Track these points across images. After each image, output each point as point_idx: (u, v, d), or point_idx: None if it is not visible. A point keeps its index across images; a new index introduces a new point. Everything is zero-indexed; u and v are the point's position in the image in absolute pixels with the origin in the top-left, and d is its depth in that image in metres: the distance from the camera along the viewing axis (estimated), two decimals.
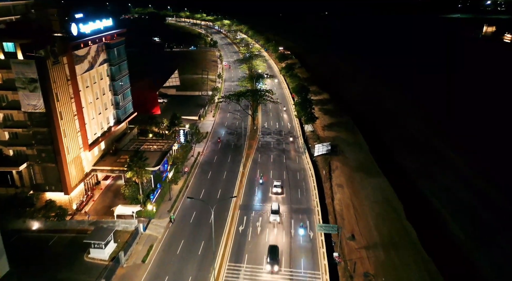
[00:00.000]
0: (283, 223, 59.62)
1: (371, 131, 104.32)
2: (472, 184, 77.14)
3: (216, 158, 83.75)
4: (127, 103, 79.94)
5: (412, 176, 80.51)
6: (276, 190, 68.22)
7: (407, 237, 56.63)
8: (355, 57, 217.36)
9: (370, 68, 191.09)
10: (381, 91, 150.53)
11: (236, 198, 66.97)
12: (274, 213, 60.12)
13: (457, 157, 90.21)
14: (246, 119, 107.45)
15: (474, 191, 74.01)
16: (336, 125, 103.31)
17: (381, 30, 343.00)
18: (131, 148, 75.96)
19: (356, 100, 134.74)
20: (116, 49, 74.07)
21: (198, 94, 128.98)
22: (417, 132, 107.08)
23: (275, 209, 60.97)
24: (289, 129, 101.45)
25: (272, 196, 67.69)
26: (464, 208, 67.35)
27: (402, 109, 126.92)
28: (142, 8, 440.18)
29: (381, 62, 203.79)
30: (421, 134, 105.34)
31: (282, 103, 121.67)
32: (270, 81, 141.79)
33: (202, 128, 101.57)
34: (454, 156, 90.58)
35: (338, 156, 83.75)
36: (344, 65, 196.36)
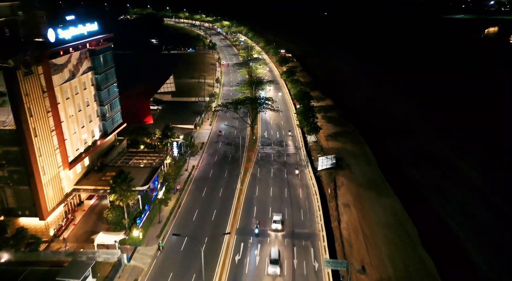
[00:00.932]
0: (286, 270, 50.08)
1: (377, 140, 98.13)
2: (490, 201, 70.87)
3: (212, 173, 77.50)
4: (115, 113, 73.69)
5: (425, 192, 74.27)
6: (276, 226, 57.88)
7: (424, 269, 50.31)
8: (356, 58, 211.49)
9: (372, 71, 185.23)
10: (385, 95, 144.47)
11: (233, 220, 60.79)
12: (273, 263, 48.97)
13: (470, 169, 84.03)
14: (245, 128, 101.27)
15: (493, 210, 67.75)
16: (340, 134, 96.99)
17: (384, 31, 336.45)
18: (119, 163, 69.89)
19: (360, 106, 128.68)
20: (102, 55, 67.95)
21: (195, 100, 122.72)
22: (426, 141, 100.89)
23: (275, 258, 49.58)
24: (291, 139, 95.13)
25: (271, 233, 57.54)
26: (485, 232, 61.06)
27: (410, 116, 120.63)
28: (141, 9, 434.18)
29: (384, 64, 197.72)
30: (430, 144, 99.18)
31: (283, 110, 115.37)
32: (271, 87, 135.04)
33: (198, 138, 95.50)
34: (467, 169, 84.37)
35: (344, 170, 77.44)
36: (346, 68, 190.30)
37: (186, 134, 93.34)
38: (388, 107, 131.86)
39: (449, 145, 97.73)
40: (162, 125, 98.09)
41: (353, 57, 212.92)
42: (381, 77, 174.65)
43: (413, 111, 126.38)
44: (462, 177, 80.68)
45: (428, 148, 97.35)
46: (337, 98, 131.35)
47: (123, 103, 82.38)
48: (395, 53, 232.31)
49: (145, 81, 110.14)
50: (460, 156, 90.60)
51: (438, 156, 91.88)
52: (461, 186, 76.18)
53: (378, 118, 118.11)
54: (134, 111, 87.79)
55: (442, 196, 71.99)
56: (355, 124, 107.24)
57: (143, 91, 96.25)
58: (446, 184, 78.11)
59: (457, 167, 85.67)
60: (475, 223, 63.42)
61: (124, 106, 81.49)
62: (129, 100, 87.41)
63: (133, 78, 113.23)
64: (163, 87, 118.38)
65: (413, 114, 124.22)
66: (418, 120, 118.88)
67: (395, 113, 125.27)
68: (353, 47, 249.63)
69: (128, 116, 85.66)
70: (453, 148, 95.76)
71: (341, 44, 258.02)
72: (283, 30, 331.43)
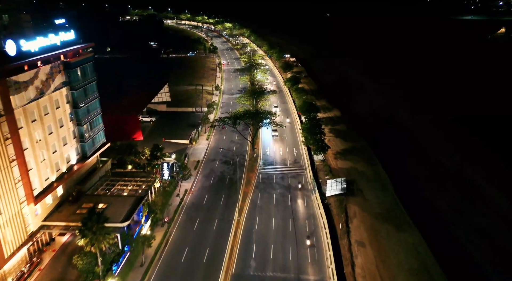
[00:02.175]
0: None
1: (390, 154, 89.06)
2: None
3: (207, 199, 68.57)
4: (97, 132, 65.01)
5: (446, 217, 65.71)
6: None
7: None
8: (361, 61, 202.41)
9: (378, 74, 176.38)
10: (393, 101, 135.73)
11: (228, 263, 51.87)
12: None
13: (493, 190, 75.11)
14: (245, 143, 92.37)
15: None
16: (350, 152, 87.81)
17: (389, 32, 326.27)
18: (99, 191, 61.38)
19: (368, 116, 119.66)
20: (80, 68, 59.31)
21: (192, 111, 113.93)
22: (443, 156, 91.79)
23: None
24: (295, 157, 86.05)
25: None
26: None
27: (421, 125, 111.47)
28: (142, 10, 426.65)
29: (388, 66, 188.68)
30: (447, 159, 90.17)
31: (287, 123, 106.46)
32: (274, 97, 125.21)
33: (193, 155, 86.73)
34: (486, 186, 75.87)
35: (356, 197, 68.31)
36: (351, 72, 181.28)
37: (180, 152, 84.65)
38: (397, 114, 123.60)
39: (465, 158, 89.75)
40: (154, 140, 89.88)
41: (357, 60, 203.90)
42: (387, 81, 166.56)
43: (423, 119, 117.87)
44: (481, 196, 72.82)
45: (443, 161, 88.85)
46: (344, 107, 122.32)
47: (109, 118, 73.94)
48: (400, 55, 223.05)
49: (137, 91, 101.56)
50: (476, 170, 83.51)
51: (454, 172, 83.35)
52: (483, 207, 68.26)
53: (388, 128, 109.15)
54: (121, 126, 79.22)
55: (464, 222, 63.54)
56: (365, 137, 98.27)
57: (133, 104, 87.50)
58: (466, 207, 69.89)
59: (476, 184, 77.44)
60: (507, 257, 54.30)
61: (110, 121, 73.10)
62: (116, 115, 78.93)
63: (123, 89, 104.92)
64: (157, 97, 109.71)
65: (424, 121, 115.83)
66: (430, 128, 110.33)
67: (405, 121, 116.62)
68: (357, 49, 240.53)
69: (114, 133, 77.24)
70: (469, 161, 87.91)
71: (345, 47, 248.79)
72: (286, 32, 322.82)
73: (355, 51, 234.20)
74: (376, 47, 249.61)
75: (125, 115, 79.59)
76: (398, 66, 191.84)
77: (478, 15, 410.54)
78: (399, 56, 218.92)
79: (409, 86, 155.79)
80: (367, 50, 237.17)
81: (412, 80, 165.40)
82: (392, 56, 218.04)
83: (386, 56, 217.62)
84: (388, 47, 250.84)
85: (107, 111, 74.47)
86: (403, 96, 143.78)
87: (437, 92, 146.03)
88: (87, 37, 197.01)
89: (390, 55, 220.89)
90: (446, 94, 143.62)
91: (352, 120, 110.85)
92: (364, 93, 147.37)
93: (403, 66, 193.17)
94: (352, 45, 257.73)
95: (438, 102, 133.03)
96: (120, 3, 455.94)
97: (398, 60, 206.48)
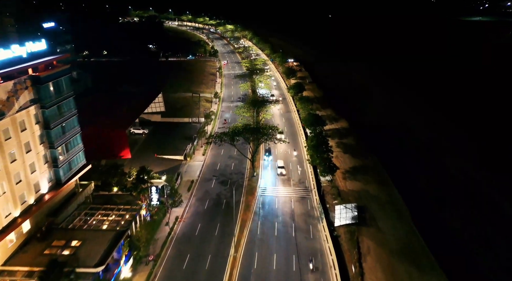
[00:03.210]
0: None
1: (403, 173, 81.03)
2: None
3: (200, 228, 60.63)
4: (75, 154, 57.28)
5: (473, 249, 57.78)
6: None
7: None
8: (365, 64, 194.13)
9: (383, 79, 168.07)
10: (401, 108, 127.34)
11: None
12: None
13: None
14: (244, 159, 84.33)
15: None
16: (360, 170, 79.66)
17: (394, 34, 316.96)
18: (75, 223, 53.62)
19: (377, 125, 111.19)
20: (54, 83, 51.63)
21: (189, 121, 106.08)
22: (460, 173, 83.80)
23: None
24: (300, 177, 77.93)
25: None
26: None
27: (436, 140, 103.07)
28: (143, 11, 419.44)
29: (398, 72, 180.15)
30: (466, 176, 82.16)
31: (290, 135, 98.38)
32: (276, 107, 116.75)
33: (188, 173, 78.88)
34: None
35: (369, 227, 60.24)
36: (357, 76, 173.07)
37: (173, 170, 76.74)
38: (407, 121, 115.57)
39: (484, 175, 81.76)
40: (145, 156, 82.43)
41: (362, 64, 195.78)
42: (393, 85, 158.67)
43: (435, 128, 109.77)
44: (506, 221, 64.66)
45: (461, 179, 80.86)
46: (351, 116, 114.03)
47: (93, 134, 66.50)
48: (407, 58, 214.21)
49: (128, 101, 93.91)
50: (497, 189, 75.07)
51: (475, 192, 75.31)
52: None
53: (399, 140, 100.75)
54: (107, 143, 71.40)
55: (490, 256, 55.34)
56: (375, 151, 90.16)
57: (121, 117, 79.69)
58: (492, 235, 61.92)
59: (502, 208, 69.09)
60: None
61: (93, 138, 65.76)
62: (101, 130, 71.19)
63: (114, 98, 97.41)
64: (151, 107, 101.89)
65: (436, 131, 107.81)
66: (443, 139, 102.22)
67: (416, 131, 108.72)
68: (362, 52, 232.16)
69: (99, 150, 69.67)
70: (489, 179, 79.73)
71: (349, 49, 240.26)
72: (289, 33, 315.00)
73: (359, 54, 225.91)
74: (381, 50, 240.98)
75: (111, 130, 71.70)
76: (406, 71, 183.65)
77: (486, 16, 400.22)
78: (406, 60, 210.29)
79: (418, 93, 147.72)
80: (372, 53, 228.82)
81: (422, 86, 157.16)
82: (399, 60, 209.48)
83: (392, 60, 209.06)
84: (394, 50, 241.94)
85: (90, 127, 67.16)
86: (413, 104, 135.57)
87: (449, 100, 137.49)
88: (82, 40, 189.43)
89: (396, 59, 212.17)
90: (460, 103, 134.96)
91: (360, 131, 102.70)
92: (371, 100, 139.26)
93: (411, 70, 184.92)
94: (357, 47, 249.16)
95: (451, 112, 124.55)
96: (121, 4, 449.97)
97: (405, 64, 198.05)
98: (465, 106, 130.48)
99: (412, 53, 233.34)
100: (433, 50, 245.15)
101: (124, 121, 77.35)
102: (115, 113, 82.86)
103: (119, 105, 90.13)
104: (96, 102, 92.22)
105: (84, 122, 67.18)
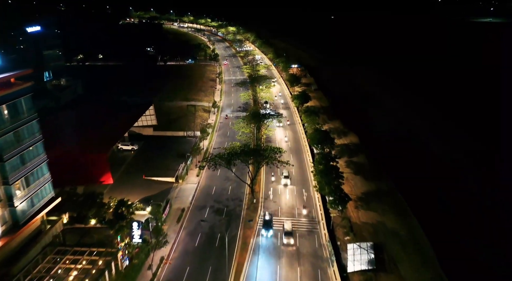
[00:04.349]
0: None
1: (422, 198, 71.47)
2: None
3: (188, 273, 51.28)
4: (39, 187, 48.29)
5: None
6: None
7: None
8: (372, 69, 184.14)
9: (397, 87, 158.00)
10: (419, 124, 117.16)
11: None
12: None
13: None
14: (244, 178, 74.89)
15: None
16: (374, 196, 70.16)
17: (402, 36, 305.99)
18: (35, 274, 44.46)
19: (391, 141, 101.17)
20: (10, 105, 42.63)
21: (184, 135, 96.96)
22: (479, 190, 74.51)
23: None
24: (305, 204, 68.45)
25: None
26: None
27: (449, 150, 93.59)
28: (144, 12, 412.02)
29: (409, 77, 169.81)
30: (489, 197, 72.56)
31: (296, 154, 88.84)
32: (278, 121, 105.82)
33: (179, 198, 69.80)
34: None
35: (389, 275, 50.75)
36: (364, 82, 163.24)
37: (161, 196, 67.48)
38: (420, 134, 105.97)
39: None
40: (132, 178, 73.44)
41: (368, 69, 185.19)
42: (403, 92, 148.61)
43: (454, 145, 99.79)
44: None
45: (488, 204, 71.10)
46: (361, 128, 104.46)
47: (68, 158, 57.66)
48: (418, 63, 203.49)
49: (115, 114, 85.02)
50: None
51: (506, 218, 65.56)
52: None
53: (416, 158, 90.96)
54: (84, 168, 62.36)
55: None
56: (389, 172, 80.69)
57: (104, 136, 70.59)
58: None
59: None
60: None
61: (68, 161, 56.89)
62: (77, 154, 62.19)
63: (100, 110, 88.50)
64: (141, 120, 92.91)
65: (450, 144, 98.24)
66: (461, 155, 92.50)
67: (430, 144, 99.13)
68: (368, 55, 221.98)
69: (75, 176, 60.77)
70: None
71: (354, 52, 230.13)
72: (292, 34, 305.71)
73: (365, 57, 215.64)
74: (386, 52, 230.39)
75: (90, 154, 62.62)
76: (415, 76, 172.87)
77: (497, 18, 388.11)
78: (414, 64, 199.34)
79: (432, 102, 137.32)
80: (377, 55, 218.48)
81: (436, 94, 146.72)
82: (406, 64, 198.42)
83: (399, 63, 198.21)
84: (400, 53, 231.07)
85: (67, 148, 58.54)
86: (425, 113, 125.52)
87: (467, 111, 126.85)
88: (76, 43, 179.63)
89: (403, 63, 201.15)
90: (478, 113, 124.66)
91: (371, 147, 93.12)
92: (381, 108, 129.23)
93: (421, 75, 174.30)
94: (362, 50, 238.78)
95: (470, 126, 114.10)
96: (122, 5, 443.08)
97: (413, 69, 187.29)
98: (485, 116, 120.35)
99: (421, 56, 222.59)
100: (443, 53, 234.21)
101: (107, 141, 68.19)
102: (99, 129, 73.95)
103: (105, 118, 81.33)
104: (80, 115, 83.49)
105: (59, 141, 58.67)
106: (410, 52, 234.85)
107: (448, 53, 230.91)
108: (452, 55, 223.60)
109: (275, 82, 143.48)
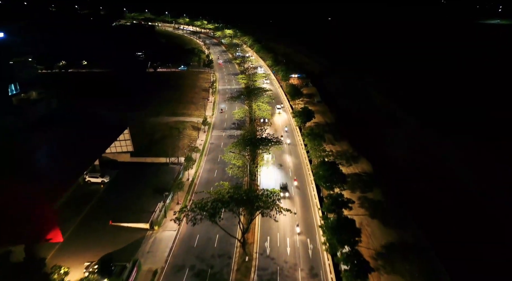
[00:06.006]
0: None
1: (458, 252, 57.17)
2: None
3: None
4: None
5: None
6: None
7: None
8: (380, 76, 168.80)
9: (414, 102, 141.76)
10: (444, 148, 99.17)
11: None
12: None
13: None
14: (234, 228, 60.63)
15: None
16: (398, 252, 55.77)
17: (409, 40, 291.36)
18: None
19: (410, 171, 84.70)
20: None
21: (166, 162, 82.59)
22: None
23: None
24: (311, 263, 54.02)
25: None
26: None
27: (497, 196, 77.85)
28: (138, 13, 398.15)
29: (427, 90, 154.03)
30: None
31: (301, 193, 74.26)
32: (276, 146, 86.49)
33: (151, 254, 55.53)
34: None
35: None
36: (376, 94, 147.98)
37: (130, 249, 53.14)
38: (448, 163, 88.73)
39: None
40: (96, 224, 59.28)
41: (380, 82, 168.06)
42: (421, 109, 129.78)
43: (490, 176, 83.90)
44: None
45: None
46: (374, 152, 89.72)
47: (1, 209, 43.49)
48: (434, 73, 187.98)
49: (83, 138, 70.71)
50: None
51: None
52: None
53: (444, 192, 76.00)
54: (26, 222, 47.94)
55: None
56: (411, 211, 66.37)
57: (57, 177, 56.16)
58: None
59: None
60: None
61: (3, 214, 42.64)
62: (14, 204, 47.77)
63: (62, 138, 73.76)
64: (115, 145, 78.60)
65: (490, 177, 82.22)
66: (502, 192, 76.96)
67: (465, 180, 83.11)
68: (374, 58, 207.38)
69: (12, 233, 46.51)
70: None
71: (359, 56, 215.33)
72: (291, 36, 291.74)
73: (371, 60, 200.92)
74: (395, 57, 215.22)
75: (32, 204, 48.21)
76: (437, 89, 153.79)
77: (505, 19, 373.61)
78: (433, 75, 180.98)
79: (457, 124, 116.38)
80: (386, 61, 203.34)
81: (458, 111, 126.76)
82: (424, 74, 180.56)
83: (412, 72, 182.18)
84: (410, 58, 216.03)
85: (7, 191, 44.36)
86: (461, 141, 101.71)
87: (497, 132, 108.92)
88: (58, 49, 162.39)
89: (421, 72, 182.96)
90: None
91: (388, 179, 78.34)
92: (396, 128, 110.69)
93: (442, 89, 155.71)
94: (367, 54, 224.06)
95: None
96: (115, 6, 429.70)
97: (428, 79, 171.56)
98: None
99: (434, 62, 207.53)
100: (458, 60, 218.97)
101: (59, 184, 53.80)
102: (55, 164, 59.69)
103: (67, 147, 67.11)
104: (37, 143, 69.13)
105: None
106: (420, 57, 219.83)
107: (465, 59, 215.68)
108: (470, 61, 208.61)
109: (280, 109, 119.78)
